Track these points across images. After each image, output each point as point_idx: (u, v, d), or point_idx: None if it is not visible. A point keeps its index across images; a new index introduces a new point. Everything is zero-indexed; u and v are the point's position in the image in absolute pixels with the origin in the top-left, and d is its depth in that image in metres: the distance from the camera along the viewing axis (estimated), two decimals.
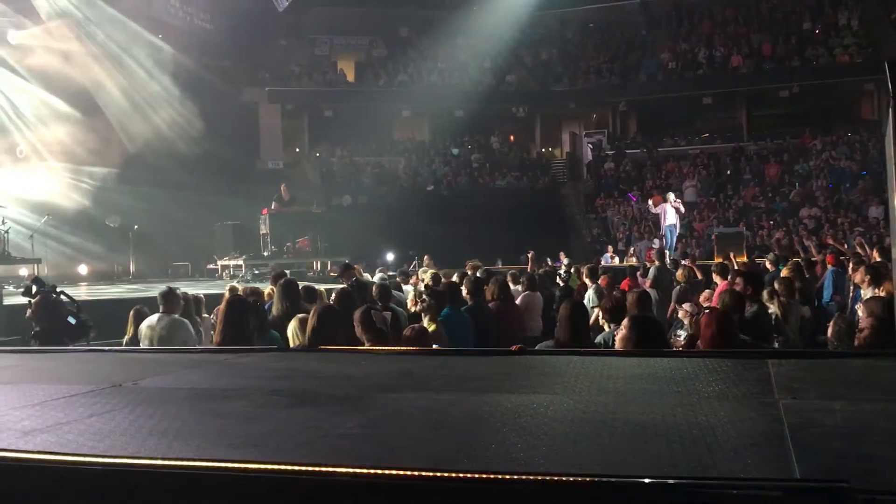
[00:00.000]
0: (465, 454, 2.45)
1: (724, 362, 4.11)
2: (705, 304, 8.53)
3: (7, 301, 10.76)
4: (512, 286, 10.43)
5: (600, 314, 7.90)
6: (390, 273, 14.04)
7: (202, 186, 21.00)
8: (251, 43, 27.00)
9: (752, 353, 4.28)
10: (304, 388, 3.83)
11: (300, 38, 31.37)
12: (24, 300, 8.15)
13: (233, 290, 8.99)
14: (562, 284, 12.09)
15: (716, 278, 11.32)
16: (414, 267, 18.83)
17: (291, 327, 6.18)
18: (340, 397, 3.51)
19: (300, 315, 6.21)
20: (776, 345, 7.41)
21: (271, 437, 2.73)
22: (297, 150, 30.81)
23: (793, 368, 3.94)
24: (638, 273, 14.18)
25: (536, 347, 6.15)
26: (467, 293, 8.93)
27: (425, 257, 19.01)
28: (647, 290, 12.35)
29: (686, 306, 9.56)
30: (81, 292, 14.21)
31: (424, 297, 7.51)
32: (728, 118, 31.44)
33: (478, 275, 10.47)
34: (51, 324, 7.61)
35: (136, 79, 21.52)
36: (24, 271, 16.39)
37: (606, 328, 6.51)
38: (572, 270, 13.27)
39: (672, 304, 11.21)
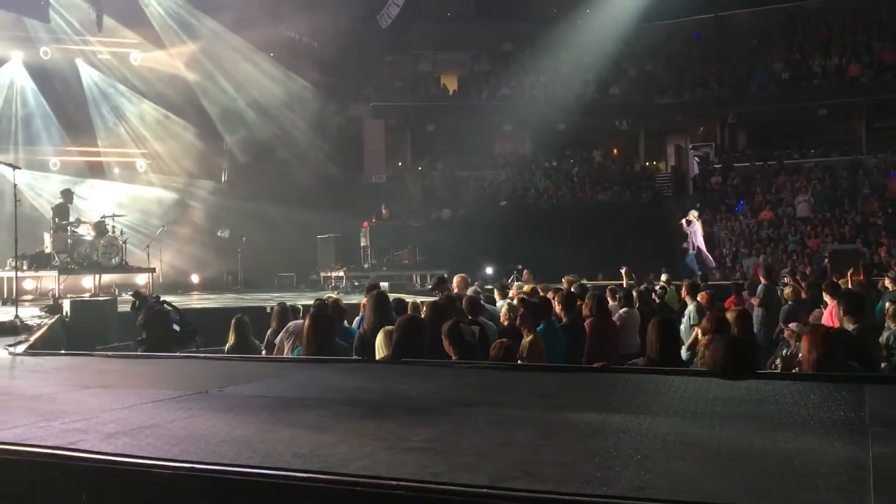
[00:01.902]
0: (525, 472, 2.41)
1: (818, 386, 3.90)
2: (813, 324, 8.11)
3: (122, 308, 11.27)
4: (611, 302, 10.21)
5: (699, 332, 7.64)
6: (487, 286, 14.01)
7: (308, 200, 21.57)
8: (356, 60, 27.62)
9: (848, 378, 4.04)
10: (380, 399, 3.87)
11: (404, 54, 31.89)
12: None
13: (317, 304, 9.06)
14: (657, 301, 11.75)
15: (826, 297, 10.75)
16: (512, 280, 18.76)
17: (378, 339, 6.24)
18: (412, 410, 3.52)
19: (387, 327, 6.27)
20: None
21: (337, 448, 2.76)
22: (400, 164, 31.26)
23: (893, 395, 3.69)
24: (744, 291, 13.64)
25: (627, 365, 6.00)
26: (560, 308, 8.79)
27: (524, 271, 18.91)
28: (756, 307, 11.89)
29: (792, 326, 9.14)
30: (192, 301, 14.82)
31: (520, 309, 7.44)
32: (845, 130, 29.97)
33: (572, 290, 10.32)
34: (157, 332, 7.99)
35: (247, 96, 22.38)
36: (140, 280, 17.24)
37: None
38: (669, 287, 12.89)
39: (780, 323, 10.72)
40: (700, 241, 19.67)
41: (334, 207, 21.49)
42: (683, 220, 20.07)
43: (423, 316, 7.59)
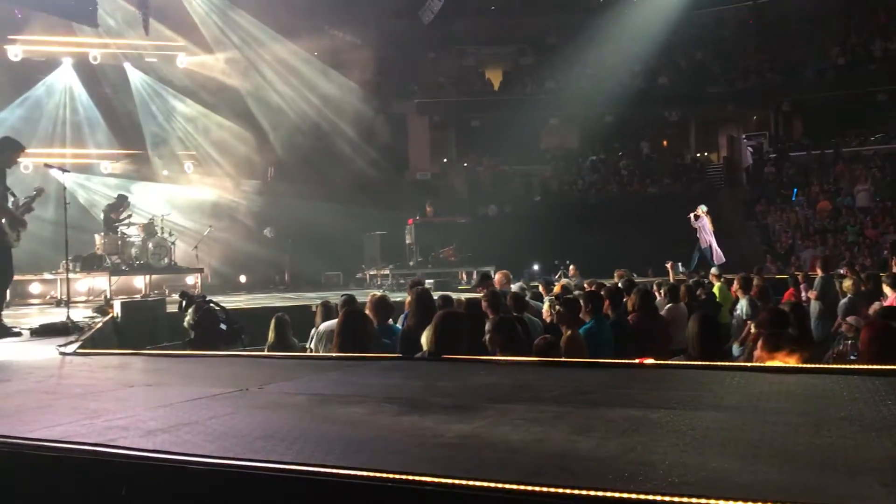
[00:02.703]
0: (558, 467, 2.41)
1: (871, 380, 3.80)
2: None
3: (171, 308, 11.51)
4: (658, 298, 10.11)
5: (752, 327, 7.52)
6: (533, 283, 13.98)
7: (353, 198, 21.78)
8: (399, 57, 27.77)
9: None
10: (417, 396, 3.90)
11: (448, 49, 31.91)
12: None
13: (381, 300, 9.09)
14: (703, 297, 11.57)
15: (886, 289, 10.49)
16: (559, 277, 18.68)
17: (424, 336, 6.28)
18: (449, 406, 3.53)
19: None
20: None
21: (371, 444, 2.79)
22: (445, 160, 31.33)
23: None
24: (801, 284, 13.36)
25: (671, 361, 5.94)
26: (608, 304, 8.73)
27: (571, 267, 18.81)
28: (813, 301, 11.65)
29: (850, 319, 8.93)
30: (240, 300, 15.08)
31: (557, 306, 7.41)
32: None
33: (619, 285, 10.23)
34: (204, 331, 8.17)
35: (291, 97, 22.68)
36: (189, 280, 17.60)
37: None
38: (719, 281, 12.68)
39: (839, 317, 10.49)
40: (710, 236, 19.52)
41: (380, 205, 21.65)
42: (692, 215, 19.92)
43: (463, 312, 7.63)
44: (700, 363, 4.71)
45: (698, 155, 32.81)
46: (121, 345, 9.15)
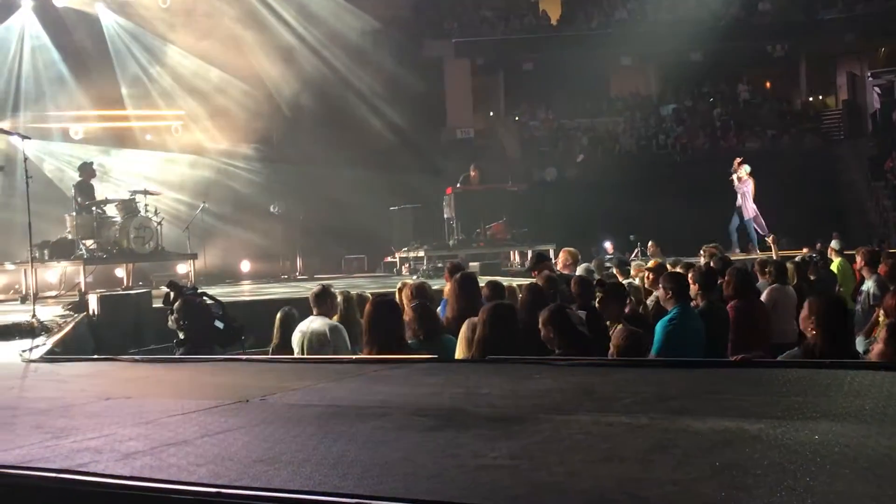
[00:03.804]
0: (627, 493, 2.38)
1: None
2: None
3: (158, 303, 11.66)
4: (760, 279, 9.99)
5: (880, 314, 7.38)
6: (605, 264, 13.89)
7: (378, 163, 21.79)
8: None
9: None
10: (455, 406, 3.90)
11: None
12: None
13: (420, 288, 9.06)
14: (812, 278, 11.37)
15: None
16: (637, 255, 18.56)
17: (462, 332, 6.27)
18: (495, 419, 3.54)
19: (472, 319, 6.28)
20: None
21: (397, 467, 2.79)
22: (492, 113, 31.16)
23: None
24: None
25: (779, 358, 5.84)
26: (697, 288, 8.64)
27: (650, 243, 18.68)
28: None
29: None
30: (244, 292, 15.23)
31: (598, 291, 7.38)
32: None
33: (711, 265, 10.10)
34: (196, 330, 8.24)
35: (301, 40, 22.69)
36: (180, 268, 17.81)
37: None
38: (839, 257, 12.47)
39: None
40: (752, 203, 19.45)
41: (411, 172, 21.65)
42: (734, 177, 19.69)
43: (519, 302, 7.63)
44: (812, 360, 4.63)
45: (811, 99, 32.23)
46: (98, 348, 9.29)
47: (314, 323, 7.24)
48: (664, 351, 6.99)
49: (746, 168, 19.94)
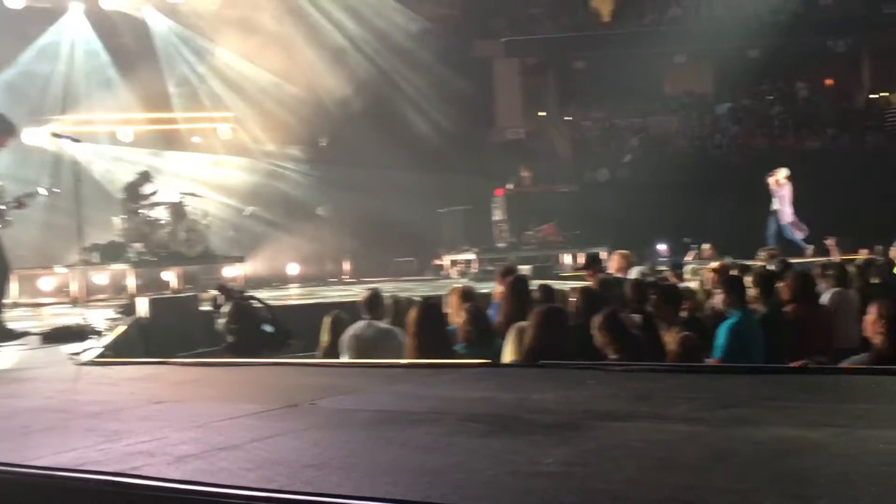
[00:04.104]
0: (685, 503, 2.37)
1: None
2: None
3: (206, 306, 11.81)
4: (821, 283, 9.86)
5: None
6: (659, 267, 13.81)
7: (427, 164, 21.81)
8: None
9: None
10: (508, 412, 3.90)
11: None
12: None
13: (465, 292, 9.03)
14: (876, 281, 11.18)
15: None
16: (695, 257, 18.40)
17: (510, 336, 6.28)
18: (549, 425, 3.53)
19: (519, 323, 6.29)
20: None
21: (448, 473, 2.80)
22: (542, 114, 31.07)
23: None
24: None
25: (842, 364, 5.76)
26: (756, 292, 8.56)
27: (706, 246, 18.53)
28: None
29: None
30: (291, 295, 15.37)
31: (651, 294, 7.34)
32: None
33: (769, 268, 10.01)
34: (245, 334, 8.33)
35: (349, 39, 22.80)
36: (227, 272, 18.01)
37: None
38: None
39: None
40: (789, 207, 19.16)
41: (460, 173, 21.66)
42: (771, 180, 19.38)
43: (571, 306, 7.62)
44: (880, 367, 4.56)
45: (873, 96, 31.69)
46: (147, 352, 9.44)
47: (367, 328, 7.29)
48: (724, 356, 6.94)
49: (784, 171, 19.68)
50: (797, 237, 19.22)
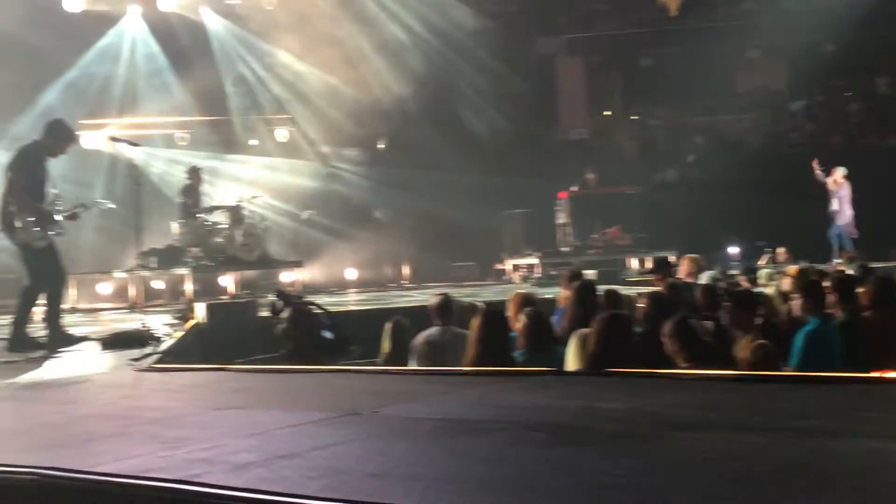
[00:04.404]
0: None
1: None
2: None
3: (264, 312, 11.95)
4: None
5: None
6: (730, 272, 13.65)
7: (487, 166, 21.80)
8: None
9: None
10: (574, 422, 3.90)
11: None
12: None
13: (526, 298, 9.03)
14: None
15: None
16: (769, 262, 18.16)
17: (573, 343, 6.26)
18: (617, 435, 3.52)
19: (582, 330, 6.27)
20: None
21: (514, 483, 2.81)
22: (608, 112, 30.89)
23: None
24: None
25: None
26: (836, 297, 8.42)
27: (781, 250, 18.28)
28: None
29: None
30: (349, 301, 15.47)
31: (727, 300, 7.25)
32: None
33: (849, 272, 9.83)
34: (304, 340, 8.41)
35: (405, 37, 22.90)
36: (285, 277, 18.18)
37: None
38: None
39: None
40: (850, 208, 18.90)
41: (522, 175, 21.61)
42: (829, 180, 18.90)
43: (640, 312, 7.56)
44: None
45: None
46: (205, 357, 9.56)
47: (442, 333, 7.28)
48: (801, 364, 6.83)
49: (842, 170, 19.28)
50: (849, 240, 18.84)
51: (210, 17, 21.94)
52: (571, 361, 6.26)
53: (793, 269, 11.24)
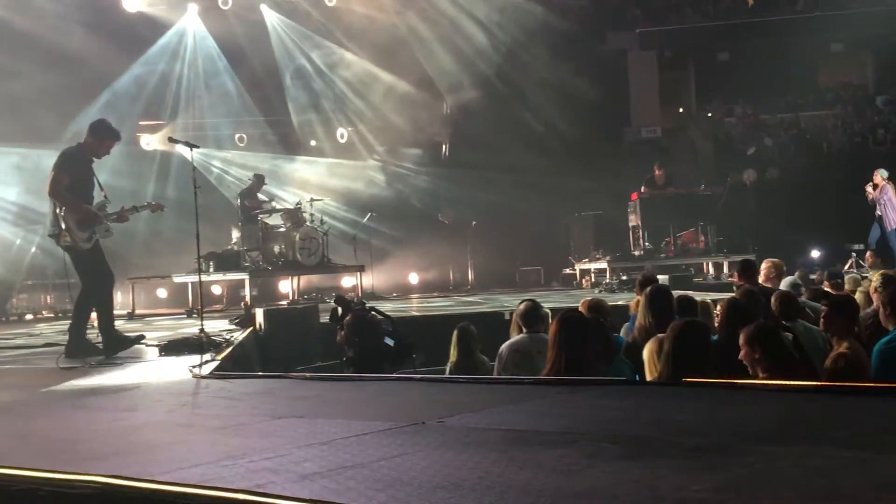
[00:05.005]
0: None
1: None
2: None
3: (324, 318, 12.08)
4: None
5: None
6: (812, 277, 13.47)
7: (554, 167, 21.75)
8: None
9: None
10: (649, 433, 3.88)
11: None
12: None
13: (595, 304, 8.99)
14: None
15: None
16: (851, 267, 17.86)
17: (647, 351, 6.23)
18: (696, 448, 3.50)
19: (659, 335, 6.23)
20: None
21: (587, 498, 2.81)
22: (682, 110, 30.62)
23: None
24: None
25: None
26: None
27: (868, 253, 17.97)
28: None
29: None
30: (412, 307, 15.54)
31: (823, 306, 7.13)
32: None
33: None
34: (366, 347, 8.48)
35: (472, 38, 22.93)
36: (346, 282, 18.33)
37: None
38: None
39: None
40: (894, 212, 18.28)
41: (591, 176, 21.54)
42: (868, 186, 18.35)
43: (717, 318, 7.49)
44: None
45: None
46: (264, 364, 9.70)
47: (530, 341, 7.27)
48: (883, 377, 6.70)
49: (883, 172, 18.77)
50: None
51: (270, 15, 22.19)
52: (648, 368, 6.24)
53: (876, 274, 11.05)
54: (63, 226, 8.84)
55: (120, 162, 10.13)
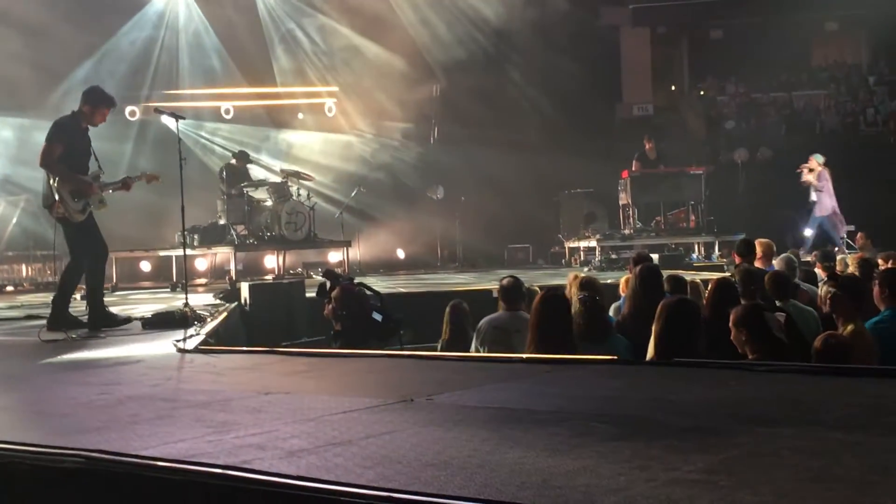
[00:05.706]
0: None
1: None
2: None
3: (311, 293, 12.06)
4: None
5: None
6: (806, 259, 13.50)
7: (545, 143, 21.72)
8: None
9: None
10: (641, 414, 3.90)
11: None
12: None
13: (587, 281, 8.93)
14: None
15: None
16: (843, 247, 17.93)
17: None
18: (687, 429, 3.50)
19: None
20: None
21: (577, 478, 2.80)
22: (674, 87, 30.60)
23: None
24: None
25: None
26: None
27: (858, 235, 18.03)
28: None
29: None
30: (398, 283, 15.54)
31: (829, 288, 7.12)
32: None
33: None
34: (353, 322, 8.48)
35: (460, 10, 22.81)
36: (333, 257, 18.32)
37: None
38: None
39: None
40: (832, 199, 18.47)
41: (582, 153, 21.50)
42: (804, 168, 18.37)
43: (705, 298, 7.51)
44: None
45: None
46: (250, 339, 9.69)
47: (510, 318, 7.25)
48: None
49: (819, 157, 18.79)
50: (835, 234, 18.37)
51: None
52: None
53: (852, 256, 11.12)
54: (56, 197, 8.77)
55: (104, 129, 10.02)
